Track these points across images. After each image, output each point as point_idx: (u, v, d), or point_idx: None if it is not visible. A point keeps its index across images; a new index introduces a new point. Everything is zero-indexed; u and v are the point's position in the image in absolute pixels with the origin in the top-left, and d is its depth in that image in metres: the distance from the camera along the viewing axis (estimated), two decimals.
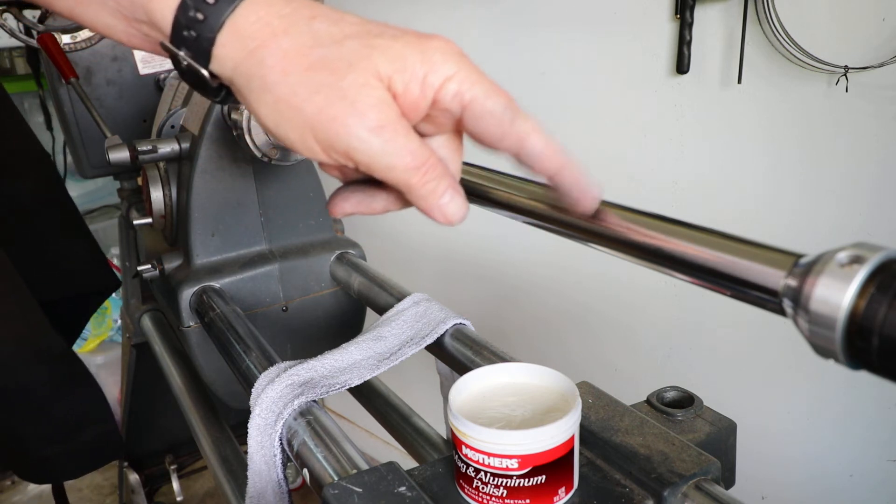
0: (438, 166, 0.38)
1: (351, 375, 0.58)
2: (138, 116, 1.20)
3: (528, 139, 0.38)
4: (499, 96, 0.37)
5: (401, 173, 0.37)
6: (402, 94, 0.37)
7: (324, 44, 0.37)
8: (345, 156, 0.37)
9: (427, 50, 0.37)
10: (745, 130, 1.09)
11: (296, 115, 0.37)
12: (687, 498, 0.42)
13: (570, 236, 0.44)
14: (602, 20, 1.21)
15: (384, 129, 0.36)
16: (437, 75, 0.37)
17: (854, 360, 0.28)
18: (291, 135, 0.37)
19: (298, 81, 0.36)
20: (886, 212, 0.99)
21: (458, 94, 0.37)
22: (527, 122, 0.38)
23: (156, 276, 0.86)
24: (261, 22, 0.37)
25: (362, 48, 0.36)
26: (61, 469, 0.88)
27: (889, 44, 0.92)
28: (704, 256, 0.35)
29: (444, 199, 0.38)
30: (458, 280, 1.65)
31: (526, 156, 0.39)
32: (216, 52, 0.38)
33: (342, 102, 0.36)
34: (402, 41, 0.37)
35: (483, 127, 0.38)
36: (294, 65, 0.36)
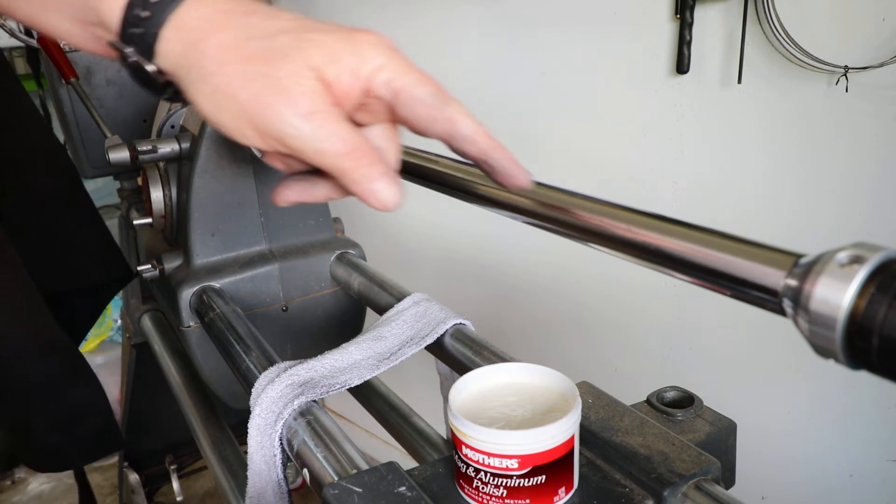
0: (371, 153, 0.40)
1: (351, 375, 0.58)
2: (138, 116, 1.20)
3: (457, 123, 0.40)
4: (428, 84, 0.40)
5: (332, 158, 0.39)
6: (333, 83, 0.39)
7: (259, 37, 0.39)
8: (279, 141, 0.39)
9: (358, 43, 0.39)
10: (745, 130, 1.09)
11: (232, 102, 0.39)
12: (687, 498, 0.42)
13: (570, 236, 0.44)
14: (602, 20, 1.21)
15: (314, 115, 0.38)
16: (368, 66, 0.39)
17: (854, 360, 0.28)
18: (228, 122, 0.39)
19: (235, 71, 0.38)
20: (886, 212, 0.99)
21: (388, 83, 0.39)
22: (456, 107, 0.40)
23: (156, 276, 0.86)
24: (201, 18, 0.39)
25: (295, 42, 0.39)
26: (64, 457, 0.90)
27: (889, 44, 0.92)
28: (704, 256, 0.35)
29: (378, 185, 0.40)
30: (458, 280, 1.65)
31: (456, 139, 0.41)
32: (160, 47, 0.40)
33: (275, 90, 0.38)
34: (334, 36, 0.39)
35: (414, 113, 0.40)
36: (231, 56, 0.39)
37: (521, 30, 1.33)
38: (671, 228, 0.38)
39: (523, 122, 1.37)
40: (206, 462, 0.81)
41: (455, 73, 1.47)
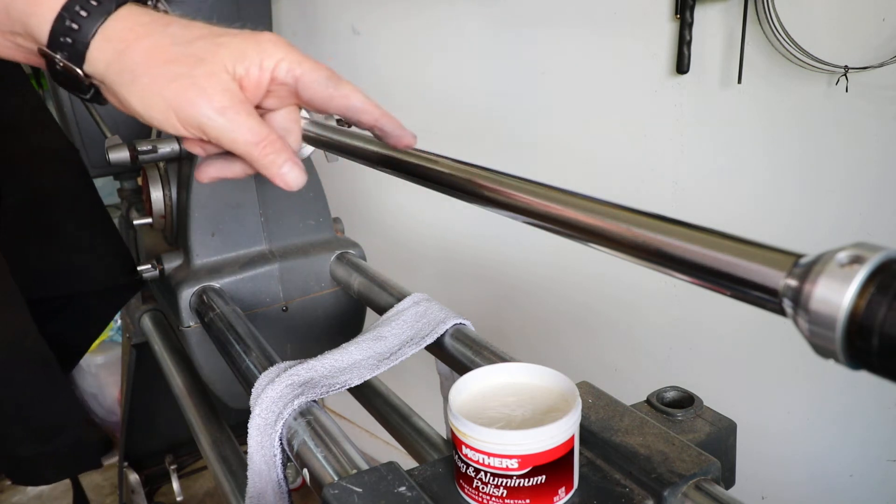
0: (277, 142, 0.48)
1: (351, 375, 0.58)
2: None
3: (351, 98, 0.49)
4: (322, 69, 0.49)
5: (243, 146, 0.47)
6: (244, 77, 0.47)
7: (178, 42, 0.46)
8: (199, 131, 0.46)
9: (260, 42, 0.47)
10: (745, 130, 1.09)
11: (159, 99, 0.46)
12: (687, 498, 0.42)
13: (570, 236, 0.44)
14: (602, 20, 1.21)
15: (227, 109, 0.46)
16: (271, 59, 0.47)
17: (854, 360, 0.28)
18: (157, 116, 0.46)
19: (160, 73, 0.45)
20: (886, 212, 0.99)
21: (290, 71, 0.48)
22: (348, 86, 0.49)
23: (156, 276, 0.86)
24: (126, 29, 0.46)
25: (210, 45, 0.46)
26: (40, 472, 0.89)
27: (889, 44, 0.92)
28: (704, 256, 0.35)
29: (284, 169, 0.48)
30: (458, 280, 1.65)
31: (352, 112, 0.49)
32: (90, 54, 0.46)
33: (195, 88, 0.45)
34: (241, 38, 0.47)
35: (315, 93, 0.48)
36: (155, 60, 0.45)
37: (521, 30, 1.33)
38: (671, 228, 0.38)
39: (523, 122, 1.37)
40: (206, 462, 0.81)
41: (455, 72, 1.47)
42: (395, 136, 0.50)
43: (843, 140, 1.00)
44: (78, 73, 0.47)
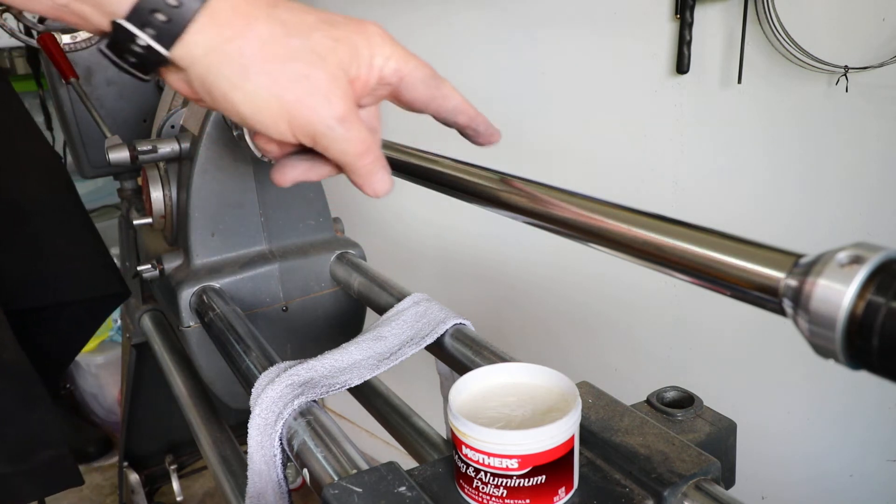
0: (377, 150, 0.45)
1: (351, 375, 0.58)
2: (138, 116, 1.20)
3: (450, 99, 0.47)
4: (426, 67, 0.46)
5: (351, 157, 0.43)
6: (356, 78, 0.43)
7: (294, 33, 0.41)
8: (310, 139, 0.42)
9: (369, 36, 0.43)
10: (745, 130, 1.09)
11: (274, 101, 0.41)
12: (687, 498, 0.42)
13: (570, 236, 0.44)
14: (602, 20, 1.20)
15: (346, 119, 0.42)
16: (380, 57, 0.44)
17: (854, 360, 0.28)
18: (266, 120, 0.41)
19: (280, 72, 0.40)
20: (886, 212, 0.99)
21: (397, 70, 0.44)
22: (447, 85, 0.47)
23: (156, 276, 0.86)
24: (233, 9, 0.40)
25: (328, 40, 0.42)
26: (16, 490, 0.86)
27: (889, 44, 0.92)
28: (704, 256, 0.35)
29: (377, 178, 0.45)
30: (458, 280, 1.65)
31: (449, 113, 0.47)
32: (188, 37, 0.39)
33: (318, 93, 0.41)
34: (350, 30, 0.43)
35: (416, 94, 0.46)
36: (273, 55, 0.40)
37: (521, 30, 1.33)
38: (671, 228, 0.38)
39: (523, 122, 1.37)
40: (206, 462, 0.81)
41: (455, 72, 1.47)
42: (486, 135, 0.49)
43: (843, 140, 1.00)
44: (163, 57, 0.40)
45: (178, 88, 0.43)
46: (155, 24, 0.38)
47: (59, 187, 0.94)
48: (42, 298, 0.91)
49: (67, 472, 0.87)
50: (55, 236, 0.92)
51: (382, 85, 0.45)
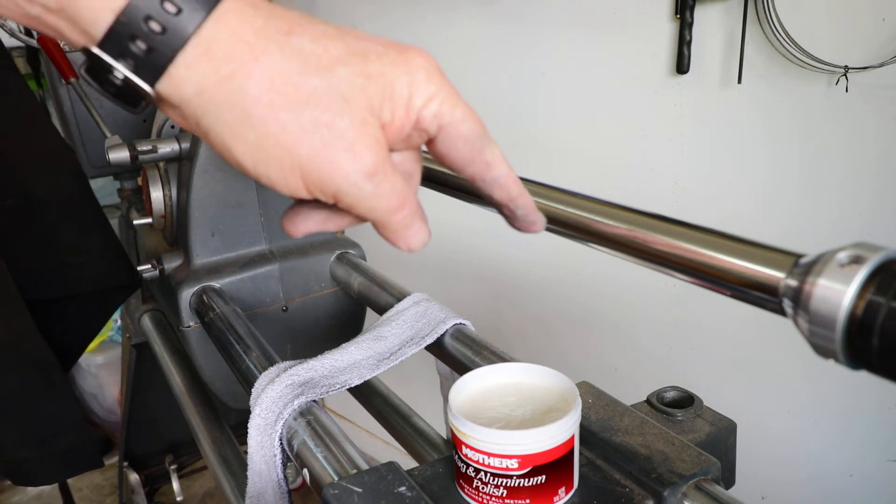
0: (414, 202, 0.37)
1: (351, 375, 0.58)
2: (138, 116, 1.20)
3: (493, 169, 0.38)
4: (474, 122, 0.37)
5: (382, 214, 0.36)
6: (389, 122, 0.35)
7: (313, 70, 0.33)
8: (332, 197, 0.35)
9: (411, 70, 0.35)
10: (745, 130, 1.09)
11: (285, 154, 0.33)
12: (687, 498, 0.42)
13: (570, 236, 0.44)
14: (602, 20, 1.21)
15: (377, 173, 0.34)
16: (420, 96, 0.35)
17: (854, 360, 0.28)
18: (274, 174, 0.34)
19: (290, 119, 0.33)
20: (886, 212, 0.99)
21: (437, 116, 0.36)
22: (494, 150, 0.38)
23: (156, 276, 0.86)
24: (234, 38, 0.32)
25: (355, 77, 0.34)
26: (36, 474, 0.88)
27: (889, 44, 0.92)
28: (704, 256, 0.35)
29: (411, 232, 0.38)
30: (458, 280, 1.65)
31: (486, 183, 0.39)
32: (175, 71, 0.32)
33: (340, 145, 0.33)
34: (388, 61, 0.35)
35: (454, 151, 0.37)
36: (284, 98, 0.32)
37: (521, 30, 1.33)
38: (671, 228, 0.38)
39: (523, 122, 1.37)
40: (206, 462, 0.81)
41: (455, 72, 1.47)
42: (526, 223, 0.40)
43: (843, 140, 1.00)
44: (146, 93, 0.33)
45: (177, 122, 0.36)
46: (134, 53, 0.31)
47: (72, 179, 0.94)
48: (55, 289, 0.92)
49: (88, 455, 0.89)
50: (68, 227, 0.93)
51: (418, 131, 0.37)
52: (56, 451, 0.87)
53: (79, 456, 0.89)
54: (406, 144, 0.38)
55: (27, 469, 0.87)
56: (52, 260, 0.91)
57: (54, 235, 0.91)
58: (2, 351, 0.80)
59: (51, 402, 0.85)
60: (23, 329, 0.81)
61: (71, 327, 0.98)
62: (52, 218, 0.91)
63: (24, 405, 0.84)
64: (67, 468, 0.90)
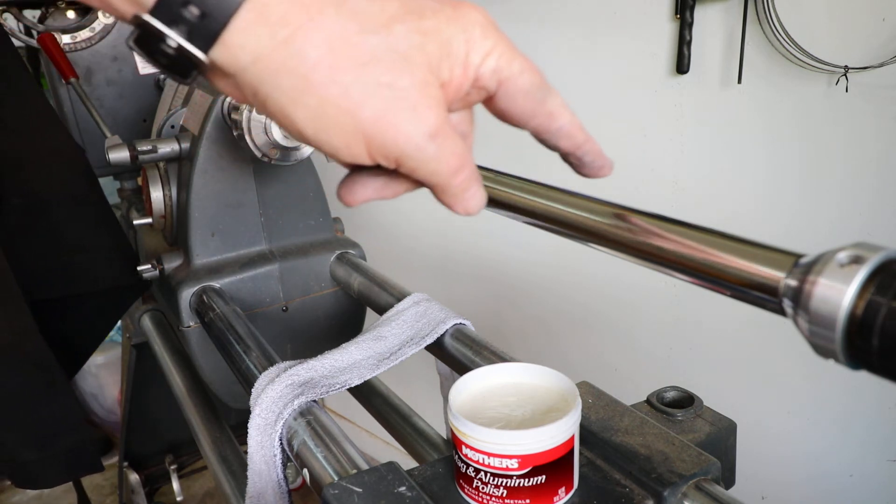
0: (472, 164, 0.36)
1: (351, 375, 0.58)
2: (138, 116, 1.20)
3: (557, 118, 0.38)
4: (533, 73, 0.36)
5: (442, 177, 0.35)
6: (448, 81, 0.34)
7: (370, 28, 0.32)
8: (394, 161, 0.34)
9: (467, 26, 0.34)
10: (745, 130, 1.09)
11: (348, 119, 0.32)
12: (687, 498, 0.42)
13: (570, 236, 0.44)
14: (602, 20, 1.21)
15: (438, 134, 0.33)
16: (478, 53, 0.34)
17: (854, 360, 0.28)
18: (336, 141, 0.33)
19: (351, 81, 0.31)
20: (886, 212, 0.99)
21: (496, 71, 0.35)
22: (555, 99, 0.38)
23: (156, 276, 0.86)
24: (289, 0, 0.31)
25: (413, 34, 0.32)
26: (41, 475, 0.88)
27: (889, 44, 0.92)
28: (704, 256, 0.35)
29: (470, 194, 0.37)
30: (458, 280, 1.65)
31: (551, 133, 0.38)
32: (230, 38, 0.31)
33: (402, 106, 0.32)
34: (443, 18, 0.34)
35: (516, 106, 0.37)
36: (343, 59, 0.31)
37: (521, 29, 1.33)
38: (671, 228, 0.38)
39: None
40: (206, 462, 0.81)
41: None
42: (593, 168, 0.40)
43: (843, 140, 1.00)
44: (200, 62, 0.31)
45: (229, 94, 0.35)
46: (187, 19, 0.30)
47: (81, 179, 0.94)
48: (64, 289, 0.92)
49: (89, 457, 0.89)
50: (77, 228, 0.93)
51: (477, 89, 0.36)
52: (57, 452, 0.87)
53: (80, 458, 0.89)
54: (463, 103, 0.37)
55: (29, 471, 0.87)
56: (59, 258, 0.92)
57: (62, 234, 0.91)
58: (3, 352, 0.80)
59: (52, 403, 0.85)
60: (24, 330, 0.81)
61: (78, 328, 0.98)
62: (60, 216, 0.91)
63: (25, 406, 0.84)
64: (68, 470, 0.90)
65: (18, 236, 0.87)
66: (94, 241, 0.94)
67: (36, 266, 0.88)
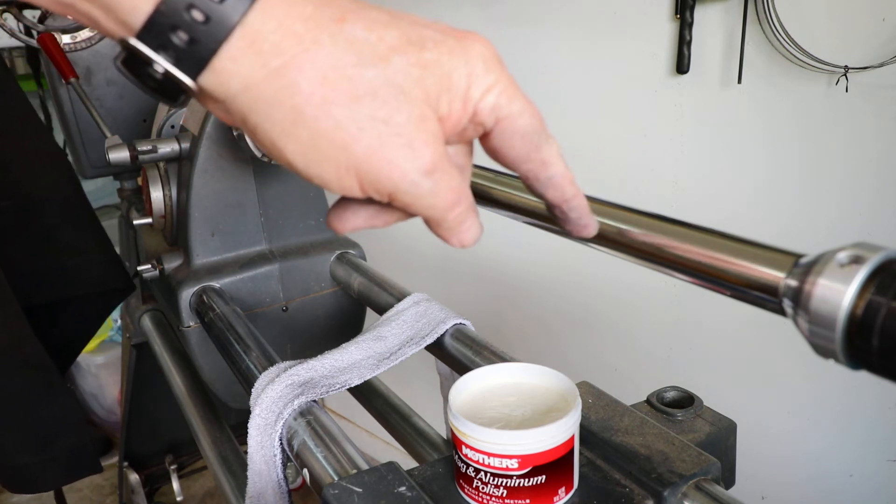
0: (469, 198, 0.35)
1: (351, 375, 0.58)
2: (138, 116, 1.20)
3: (549, 167, 0.36)
4: (532, 116, 0.35)
5: (438, 211, 0.34)
6: (447, 116, 0.33)
7: (367, 59, 0.31)
8: (387, 196, 0.33)
9: (470, 59, 0.33)
10: (745, 130, 1.09)
11: (339, 153, 0.31)
12: (687, 498, 0.42)
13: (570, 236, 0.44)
14: (602, 20, 1.21)
15: (435, 170, 0.33)
16: (478, 87, 0.33)
17: (854, 360, 0.28)
18: (327, 174, 0.32)
19: (345, 115, 0.31)
20: (886, 212, 0.99)
21: (495, 108, 0.34)
22: (552, 147, 0.36)
23: (156, 276, 0.86)
24: (282, 29, 0.30)
25: (412, 68, 0.32)
26: (35, 479, 0.88)
27: (889, 44, 0.92)
28: (704, 256, 0.35)
29: (465, 227, 0.36)
30: (458, 280, 1.65)
31: (540, 182, 0.37)
32: (219, 65, 0.30)
33: (398, 142, 0.31)
34: (445, 50, 0.33)
35: (509, 147, 0.35)
36: (337, 92, 0.30)
37: (520, 29, 1.33)
38: (671, 228, 0.38)
39: None
40: (206, 462, 0.81)
41: None
42: (577, 226, 0.38)
43: (843, 140, 1.00)
44: (188, 88, 0.30)
45: (220, 118, 0.34)
46: (175, 45, 0.29)
47: (66, 182, 0.94)
48: (52, 293, 0.92)
49: (87, 459, 0.89)
50: (64, 231, 0.93)
51: (474, 124, 0.34)
52: (56, 455, 0.86)
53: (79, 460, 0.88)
54: (460, 138, 0.36)
55: (27, 474, 0.86)
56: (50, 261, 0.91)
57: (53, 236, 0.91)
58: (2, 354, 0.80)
59: (51, 406, 0.84)
60: (20, 333, 0.81)
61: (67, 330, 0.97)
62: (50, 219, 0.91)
63: (23, 409, 0.83)
64: (68, 473, 0.89)
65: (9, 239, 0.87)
66: (83, 243, 0.94)
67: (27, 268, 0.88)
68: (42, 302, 0.90)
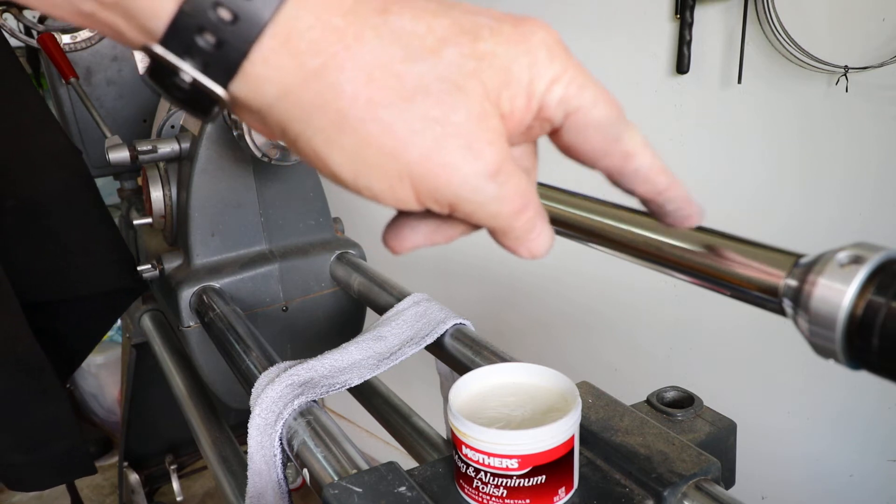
0: (537, 202, 0.32)
1: (351, 375, 0.58)
2: (138, 116, 1.20)
3: (634, 159, 0.32)
4: (608, 104, 0.31)
5: (504, 219, 0.30)
6: (509, 113, 0.29)
7: (417, 55, 0.27)
8: (447, 206, 0.29)
9: (531, 48, 0.29)
10: (745, 130, 1.09)
11: (390, 161, 0.28)
12: (687, 498, 0.42)
13: (569, 236, 0.44)
14: (602, 20, 1.21)
15: (500, 172, 0.29)
16: (543, 79, 0.29)
17: (854, 360, 0.28)
18: (379, 185, 0.29)
19: (395, 117, 0.27)
20: (886, 212, 0.99)
21: (563, 101, 0.30)
22: (634, 137, 0.32)
23: (156, 276, 0.86)
24: (320, 24, 0.26)
25: (466, 60, 0.28)
26: (28, 479, 0.88)
27: (889, 44, 0.92)
28: (704, 256, 0.35)
29: (534, 234, 0.32)
30: (458, 280, 1.65)
31: (626, 177, 0.33)
32: (251, 69, 0.27)
33: (456, 143, 0.28)
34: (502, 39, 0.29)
35: (585, 142, 0.31)
36: (385, 92, 0.27)
37: None
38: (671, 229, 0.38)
39: None
40: (206, 462, 0.81)
41: None
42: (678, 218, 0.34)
43: (843, 140, 1.00)
44: (218, 97, 0.27)
45: (258, 131, 0.31)
46: (201, 49, 0.26)
47: (77, 181, 0.93)
48: (58, 292, 0.92)
49: (81, 461, 0.89)
50: (72, 231, 0.92)
51: (540, 121, 0.30)
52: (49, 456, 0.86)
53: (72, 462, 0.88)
54: (525, 137, 0.32)
55: (20, 474, 0.86)
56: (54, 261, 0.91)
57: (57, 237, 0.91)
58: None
59: (45, 407, 0.84)
60: (16, 333, 0.81)
61: (74, 331, 0.97)
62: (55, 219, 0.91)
63: (16, 410, 0.83)
64: (60, 474, 0.89)
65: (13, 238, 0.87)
66: (91, 244, 0.94)
67: (30, 268, 0.88)
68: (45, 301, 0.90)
